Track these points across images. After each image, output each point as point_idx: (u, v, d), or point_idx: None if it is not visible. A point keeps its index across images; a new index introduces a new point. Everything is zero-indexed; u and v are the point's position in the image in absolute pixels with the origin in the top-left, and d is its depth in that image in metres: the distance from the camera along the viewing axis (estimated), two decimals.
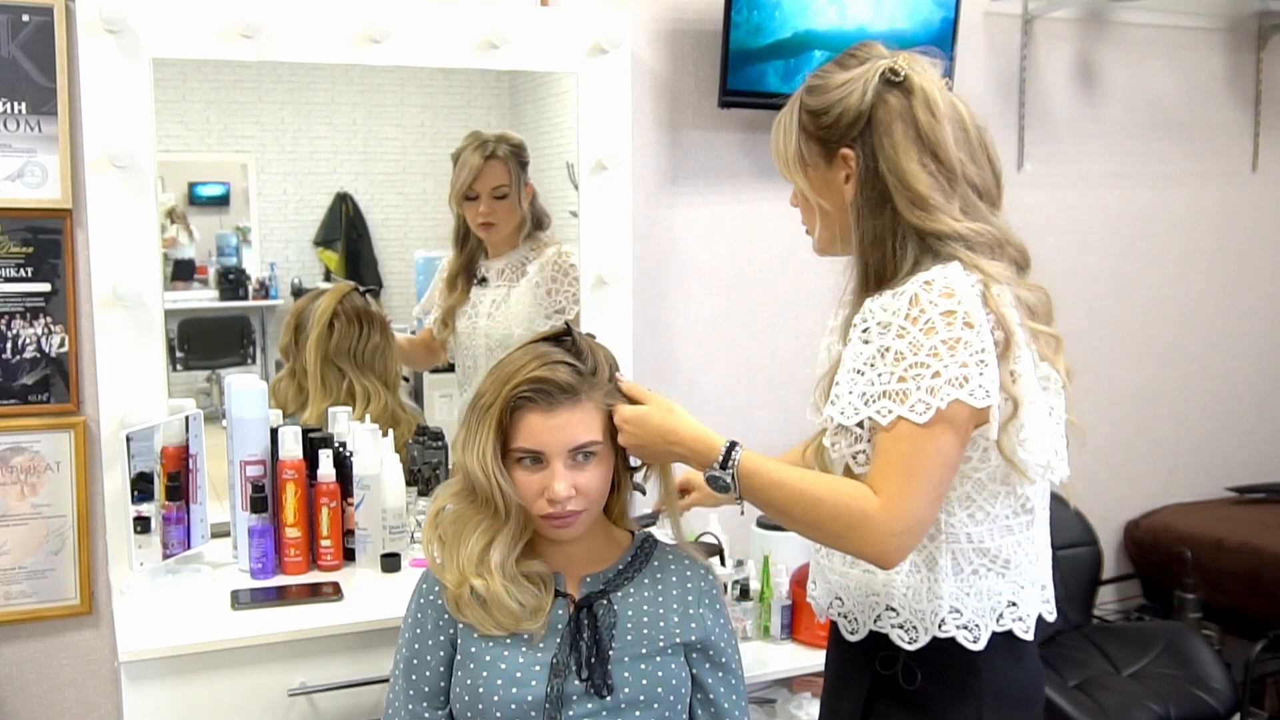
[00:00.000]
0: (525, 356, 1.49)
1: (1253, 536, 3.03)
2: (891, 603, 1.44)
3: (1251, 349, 3.44)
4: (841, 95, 1.41)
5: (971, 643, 1.41)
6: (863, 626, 1.48)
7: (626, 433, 1.49)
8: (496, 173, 2.42)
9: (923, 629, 1.42)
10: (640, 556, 1.60)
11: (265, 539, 2.03)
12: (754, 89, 2.53)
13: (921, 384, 1.29)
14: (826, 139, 1.43)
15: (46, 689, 2.22)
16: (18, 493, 2.13)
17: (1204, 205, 3.29)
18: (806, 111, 1.46)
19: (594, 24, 2.35)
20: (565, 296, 2.45)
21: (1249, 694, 2.75)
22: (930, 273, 1.34)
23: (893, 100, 1.39)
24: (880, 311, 1.35)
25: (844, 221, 1.45)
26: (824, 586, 1.56)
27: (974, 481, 1.40)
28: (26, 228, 2.09)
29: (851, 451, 1.38)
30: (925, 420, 1.29)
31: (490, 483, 1.47)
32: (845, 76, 1.42)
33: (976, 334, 1.31)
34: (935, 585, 1.41)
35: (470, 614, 1.49)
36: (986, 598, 1.42)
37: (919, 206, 1.37)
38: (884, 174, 1.39)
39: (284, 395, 2.35)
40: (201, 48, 2.08)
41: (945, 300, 1.31)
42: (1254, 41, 3.26)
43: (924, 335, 1.30)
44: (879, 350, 1.33)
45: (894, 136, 1.38)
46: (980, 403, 1.30)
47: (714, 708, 1.56)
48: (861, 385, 1.34)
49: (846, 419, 1.35)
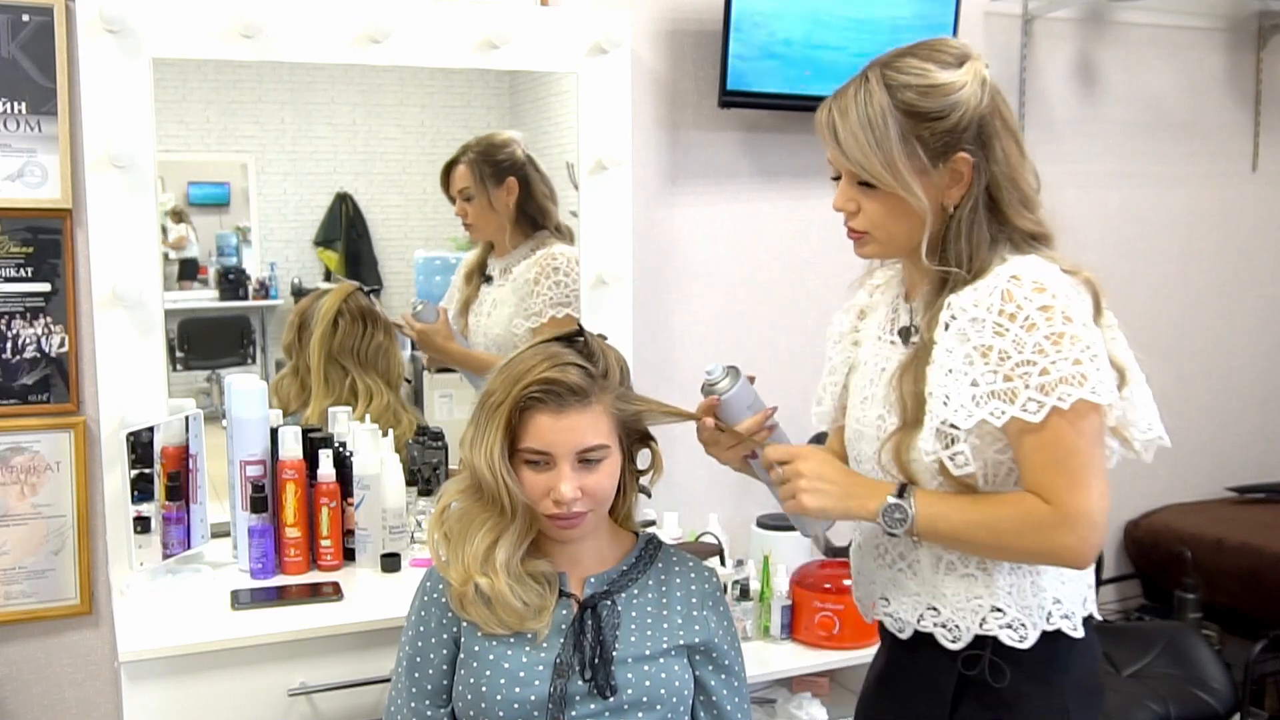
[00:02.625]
0: (536, 356, 1.48)
1: (1253, 536, 3.03)
2: (997, 603, 1.40)
3: (1251, 349, 3.43)
4: (959, 98, 1.34)
5: (1073, 630, 1.41)
6: (966, 632, 1.42)
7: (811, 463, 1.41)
8: (459, 176, 2.46)
9: (1031, 625, 1.39)
10: (644, 558, 1.60)
11: (265, 539, 2.03)
12: (754, 89, 2.52)
13: (1031, 382, 1.27)
14: (941, 142, 1.35)
15: (46, 689, 2.22)
16: (18, 493, 2.13)
17: (1204, 205, 3.29)
18: (914, 113, 1.34)
19: (594, 24, 2.35)
20: (544, 299, 2.45)
21: (1249, 694, 2.75)
22: (1011, 266, 1.32)
23: (995, 100, 1.37)
24: (971, 308, 1.32)
25: (937, 224, 1.37)
26: (905, 600, 1.48)
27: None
28: (26, 228, 2.09)
29: (949, 453, 1.35)
30: (1040, 419, 1.27)
31: (497, 481, 1.46)
32: (955, 77, 1.34)
33: (1078, 327, 1.29)
34: (1038, 578, 1.40)
35: (474, 612, 1.49)
36: (1077, 582, 1.43)
37: (1028, 208, 1.37)
38: (998, 177, 1.36)
39: (286, 393, 2.36)
40: (201, 48, 2.08)
41: (1039, 295, 1.29)
42: (1254, 41, 3.26)
43: (1025, 332, 1.28)
44: (979, 349, 1.31)
45: (1002, 139, 1.36)
46: (1104, 399, 1.29)
47: (716, 710, 1.56)
48: (966, 386, 1.31)
49: (963, 421, 1.32)
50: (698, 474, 2.56)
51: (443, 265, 2.57)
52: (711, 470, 2.56)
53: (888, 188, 1.36)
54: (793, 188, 2.70)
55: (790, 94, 2.54)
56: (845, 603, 2.24)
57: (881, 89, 1.35)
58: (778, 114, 2.63)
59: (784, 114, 2.63)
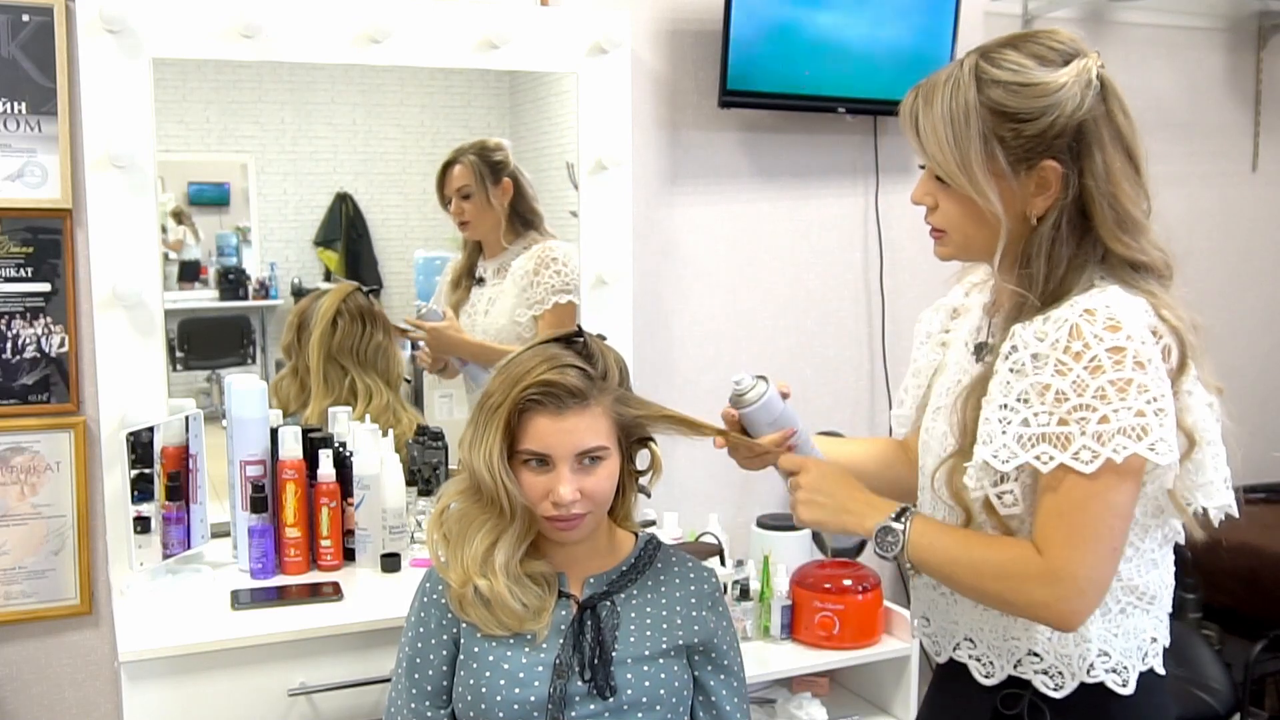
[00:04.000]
0: (535, 358, 1.48)
1: (1253, 536, 3.03)
2: (1035, 648, 1.32)
3: (1251, 349, 3.43)
4: (1055, 100, 1.23)
5: (1121, 686, 1.30)
6: (1000, 670, 1.35)
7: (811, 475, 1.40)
8: (457, 174, 2.47)
9: (1069, 675, 1.31)
10: (644, 558, 1.59)
11: (265, 539, 2.03)
12: (754, 89, 2.52)
13: (1088, 429, 1.17)
14: (1028, 147, 1.24)
15: (46, 689, 2.22)
16: (18, 493, 2.13)
17: (1204, 205, 3.29)
18: (1001, 113, 1.25)
19: (594, 24, 2.35)
20: (545, 289, 2.47)
21: (1249, 694, 2.75)
22: (1089, 298, 1.21)
23: (1101, 107, 1.25)
24: (1035, 342, 1.21)
25: (1016, 234, 1.27)
26: (943, 625, 1.43)
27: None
28: (26, 228, 2.09)
29: (997, 491, 1.27)
30: (1093, 470, 1.17)
31: (496, 483, 1.46)
32: (1054, 77, 1.24)
33: (1150, 376, 1.18)
34: (1084, 628, 1.29)
35: (473, 613, 1.49)
36: (1134, 636, 1.32)
37: (1126, 231, 1.24)
38: (1091, 192, 1.24)
39: (286, 393, 2.36)
40: (201, 48, 2.08)
41: (1111, 335, 1.17)
42: (1254, 41, 3.26)
43: (1089, 375, 1.17)
44: (1035, 387, 1.20)
45: (1106, 151, 1.24)
46: (1164, 459, 1.18)
47: (716, 710, 1.56)
48: (1015, 425, 1.21)
49: (1001, 463, 1.22)
50: (698, 474, 2.57)
51: (442, 265, 2.57)
52: (711, 470, 2.58)
53: (960, 188, 1.28)
54: (793, 188, 2.70)
55: (790, 94, 2.54)
56: (845, 603, 2.24)
57: (972, 81, 1.26)
58: (778, 114, 2.63)
59: (784, 114, 2.63)
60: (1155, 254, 1.26)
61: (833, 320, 2.79)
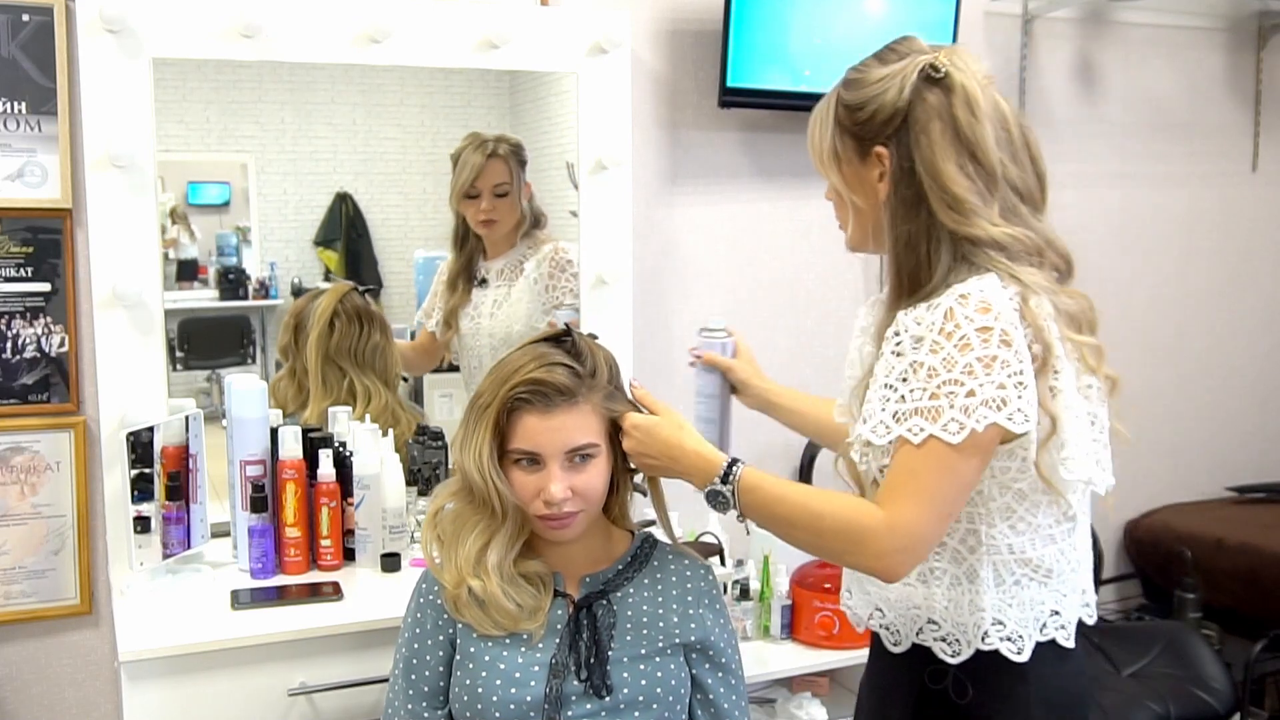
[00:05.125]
0: (524, 357, 1.49)
1: (1253, 536, 3.03)
2: (933, 616, 1.41)
3: (1251, 349, 3.43)
4: (879, 91, 1.37)
5: (1015, 654, 1.38)
6: (905, 639, 1.44)
7: (634, 439, 1.49)
8: (498, 170, 2.43)
9: (965, 642, 1.39)
10: (640, 556, 1.60)
11: (265, 539, 2.03)
12: (754, 88, 2.52)
13: (956, 402, 1.26)
14: (861, 135, 1.39)
15: (46, 689, 2.22)
16: (18, 493, 2.13)
17: (1204, 205, 3.29)
18: (843, 105, 1.41)
19: (594, 24, 2.35)
20: (564, 291, 2.46)
21: (1249, 694, 2.75)
22: (966, 285, 1.31)
23: (932, 98, 1.35)
24: (914, 325, 1.31)
25: (877, 220, 1.41)
26: (862, 597, 1.51)
27: (1014, 492, 1.36)
28: (26, 228, 2.09)
29: (879, 466, 1.35)
30: (959, 440, 1.25)
31: (487, 483, 1.47)
32: (884, 71, 1.38)
33: (1014, 352, 1.27)
34: (977, 598, 1.38)
35: (468, 614, 1.49)
36: (1029, 608, 1.39)
37: (955, 210, 1.33)
38: (920, 174, 1.35)
39: (284, 395, 2.35)
40: (201, 48, 2.08)
41: (981, 315, 1.27)
42: (1254, 41, 3.26)
43: (959, 352, 1.27)
44: (911, 365, 1.30)
45: (931, 136, 1.34)
46: (1019, 428, 1.27)
47: (714, 708, 1.56)
48: (893, 403, 1.31)
49: (878, 438, 1.32)
50: None
51: None
52: None
53: (828, 178, 1.45)
54: (793, 187, 2.70)
55: (790, 93, 2.54)
56: None
57: (837, 85, 1.45)
58: (778, 114, 2.63)
59: (784, 114, 2.63)
60: (998, 232, 1.33)
61: (833, 320, 2.79)
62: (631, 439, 1.49)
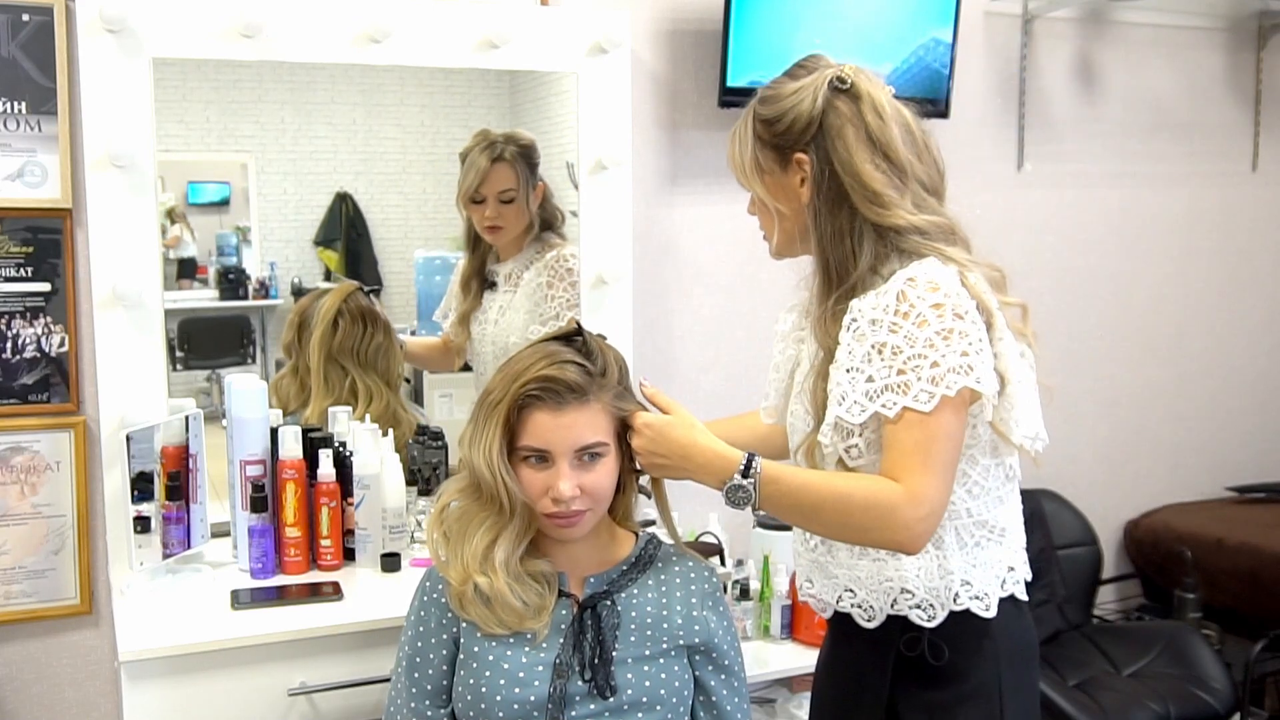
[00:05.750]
0: (534, 355, 1.49)
1: (1253, 536, 3.03)
2: (906, 585, 1.48)
3: (1251, 349, 3.44)
4: (794, 103, 1.48)
5: (984, 611, 1.48)
6: (880, 613, 1.51)
7: (645, 438, 1.49)
8: (503, 176, 2.39)
9: (939, 605, 1.48)
10: (644, 557, 1.60)
11: (265, 539, 2.03)
12: (754, 89, 2.51)
13: (922, 374, 1.35)
14: (781, 145, 1.49)
15: (46, 689, 2.22)
16: (18, 493, 2.13)
17: (1204, 205, 3.29)
18: (760, 120, 1.52)
19: (594, 24, 2.35)
20: (560, 302, 2.42)
21: (1249, 694, 2.75)
22: (909, 270, 1.41)
23: (842, 106, 1.46)
24: (869, 310, 1.41)
25: (801, 224, 1.51)
26: (826, 583, 1.57)
27: (967, 458, 1.46)
28: (26, 227, 2.09)
29: (845, 446, 1.43)
30: (931, 408, 1.34)
31: (496, 480, 1.47)
32: (795, 85, 1.49)
33: (968, 322, 1.38)
34: (945, 562, 1.47)
35: (473, 612, 1.49)
36: (990, 567, 1.49)
37: (875, 203, 1.43)
38: (839, 174, 1.45)
39: (285, 393, 2.35)
40: (201, 48, 2.08)
41: (932, 294, 1.37)
42: (1254, 41, 3.27)
43: (917, 329, 1.36)
44: (874, 347, 1.39)
45: (846, 139, 1.45)
46: (987, 388, 1.37)
47: (716, 710, 1.56)
48: (862, 383, 1.39)
49: (854, 417, 1.40)
50: None
51: (442, 265, 2.57)
52: None
53: (752, 190, 1.55)
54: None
55: None
56: None
57: (751, 104, 1.55)
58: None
59: None
60: (917, 219, 1.43)
61: None
62: (643, 438, 1.49)
